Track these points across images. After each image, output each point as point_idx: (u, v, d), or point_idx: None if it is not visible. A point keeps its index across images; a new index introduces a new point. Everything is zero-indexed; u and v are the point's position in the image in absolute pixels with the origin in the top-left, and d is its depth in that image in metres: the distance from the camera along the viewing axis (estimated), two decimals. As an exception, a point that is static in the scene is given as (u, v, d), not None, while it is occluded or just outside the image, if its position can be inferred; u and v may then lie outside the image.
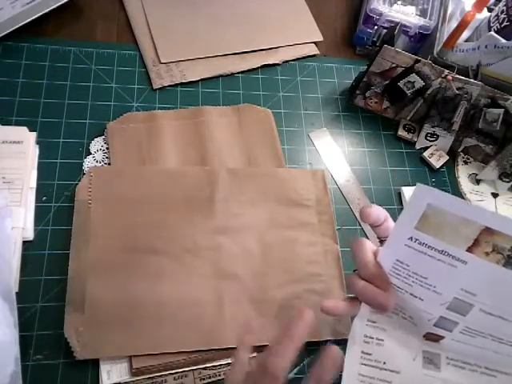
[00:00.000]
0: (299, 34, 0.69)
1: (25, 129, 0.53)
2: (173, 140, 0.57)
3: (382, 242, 0.43)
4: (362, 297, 0.38)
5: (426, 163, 0.63)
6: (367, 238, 0.57)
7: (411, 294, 0.37)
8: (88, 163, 0.54)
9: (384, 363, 0.39)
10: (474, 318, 0.36)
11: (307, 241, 0.54)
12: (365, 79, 0.62)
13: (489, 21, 0.62)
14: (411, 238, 0.34)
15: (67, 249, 0.49)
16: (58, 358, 0.45)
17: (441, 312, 0.37)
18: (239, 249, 0.52)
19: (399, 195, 0.60)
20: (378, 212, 0.41)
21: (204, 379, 0.46)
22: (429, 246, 0.33)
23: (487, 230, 0.31)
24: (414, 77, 0.58)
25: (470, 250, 0.32)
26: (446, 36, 0.62)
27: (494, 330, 0.36)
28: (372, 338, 0.40)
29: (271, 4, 0.71)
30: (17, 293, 0.45)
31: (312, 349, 0.46)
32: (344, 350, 0.39)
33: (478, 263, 0.32)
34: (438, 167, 0.63)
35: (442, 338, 0.39)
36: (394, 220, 0.42)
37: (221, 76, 0.64)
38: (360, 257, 0.38)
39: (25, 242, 0.49)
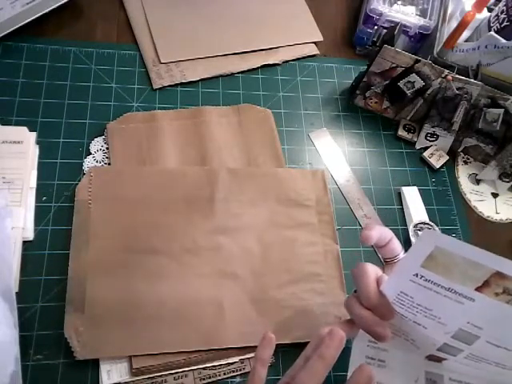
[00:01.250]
0: (299, 34, 0.69)
1: (25, 129, 0.53)
2: (173, 140, 0.57)
3: (386, 262, 0.43)
4: (359, 324, 0.37)
5: (425, 163, 0.63)
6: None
7: (415, 322, 0.36)
8: (88, 163, 0.54)
9: None
10: (479, 346, 0.35)
11: (307, 241, 0.54)
12: (365, 79, 0.62)
13: (489, 21, 0.61)
14: (416, 275, 0.33)
15: (67, 249, 0.49)
16: (57, 358, 0.45)
17: (445, 340, 0.36)
18: (239, 249, 0.52)
19: (399, 195, 0.60)
20: (381, 233, 0.40)
21: (204, 379, 0.46)
22: (435, 283, 0.32)
23: (498, 274, 0.30)
24: (413, 77, 0.58)
25: (478, 289, 0.31)
26: (445, 36, 0.62)
27: (498, 359, 0.35)
28: (374, 359, 0.39)
29: (271, 4, 0.71)
30: (17, 293, 0.45)
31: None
32: (346, 352, 0.38)
33: (487, 302, 0.31)
34: (438, 167, 0.63)
35: (444, 359, 0.38)
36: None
37: (221, 76, 0.64)
38: (362, 285, 0.37)
39: (25, 242, 0.49)
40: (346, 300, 0.40)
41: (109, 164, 0.54)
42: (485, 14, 0.64)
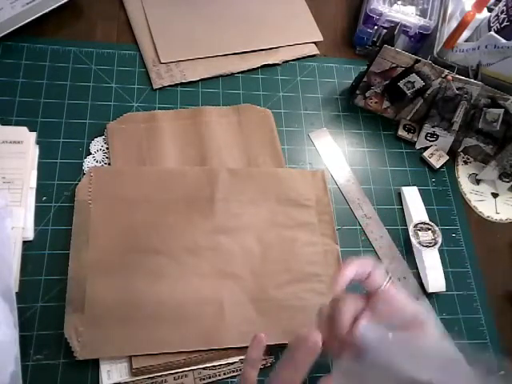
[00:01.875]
0: (299, 34, 0.69)
1: (25, 129, 0.53)
2: (173, 140, 0.57)
3: (370, 296, 0.39)
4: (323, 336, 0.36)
5: (426, 163, 0.63)
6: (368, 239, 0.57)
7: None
8: (88, 163, 0.54)
9: None
10: None
11: (307, 241, 0.54)
12: (365, 79, 0.62)
13: (489, 21, 0.61)
14: None
15: (67, 249, 0.49)
16: (58, 358, 0.45)
17: None
18: (239, 249, 0.52)
19: (399, 195, 0.60)
20: (357, 270, 0.38)
21: (204, 379, 0.46)
22: None
23: None
24: (413, 77, 0.58)
25: None
26: (445, 36, 0.62)
27: None
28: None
29: (271, 4, 0.71)
30: (17, 293, 0.45)
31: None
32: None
33: None
34: (438, 167, 0.63)
35: None
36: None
37: (221, 76, 0.64)
38: (339, 319, 0.36)
39: (25, 242, 0.49)
40: (318, 309, 0.39)
41: (109, 164, 0.54)
42: (485, 13, 0.64)
